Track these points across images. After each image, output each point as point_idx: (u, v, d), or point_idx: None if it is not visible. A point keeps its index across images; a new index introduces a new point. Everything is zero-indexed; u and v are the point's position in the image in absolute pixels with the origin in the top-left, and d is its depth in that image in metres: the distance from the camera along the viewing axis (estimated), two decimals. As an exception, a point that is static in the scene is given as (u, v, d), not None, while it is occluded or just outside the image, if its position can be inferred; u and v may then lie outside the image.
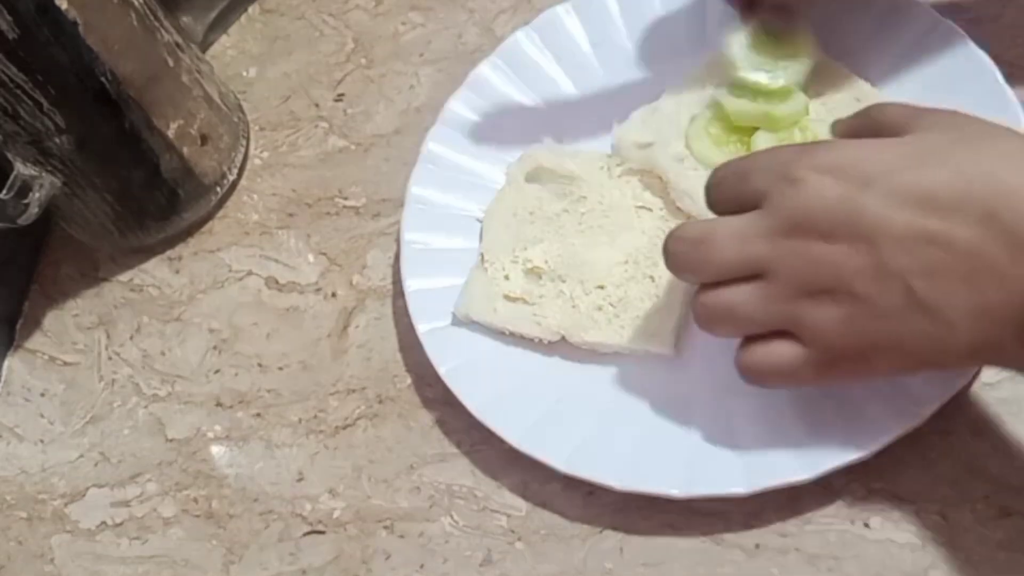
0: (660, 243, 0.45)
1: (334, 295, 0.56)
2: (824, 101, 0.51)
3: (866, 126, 0.41)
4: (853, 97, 0.51)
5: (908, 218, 0.35)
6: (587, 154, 0.53)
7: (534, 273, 0.50)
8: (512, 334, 0.49)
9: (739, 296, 0.39)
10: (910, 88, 0.51)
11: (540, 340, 0.48)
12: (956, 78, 0.50)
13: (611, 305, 0.48)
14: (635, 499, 0.44)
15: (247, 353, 0.55)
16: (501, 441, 0.46)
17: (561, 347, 0.49)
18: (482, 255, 0.51)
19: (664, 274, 0.47)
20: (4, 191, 0.52)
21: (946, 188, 0.35)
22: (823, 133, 0.48)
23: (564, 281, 0.49)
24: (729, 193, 0.41)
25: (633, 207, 0.51)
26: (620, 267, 0.49)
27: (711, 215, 0.42)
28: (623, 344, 0.47)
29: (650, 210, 0.50)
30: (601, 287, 0.48)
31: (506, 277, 0.50)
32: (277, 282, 0.57)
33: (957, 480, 0.43)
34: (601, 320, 0.48)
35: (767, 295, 0.38)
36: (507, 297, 0.49)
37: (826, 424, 0.43)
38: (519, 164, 0.53)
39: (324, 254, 0.57)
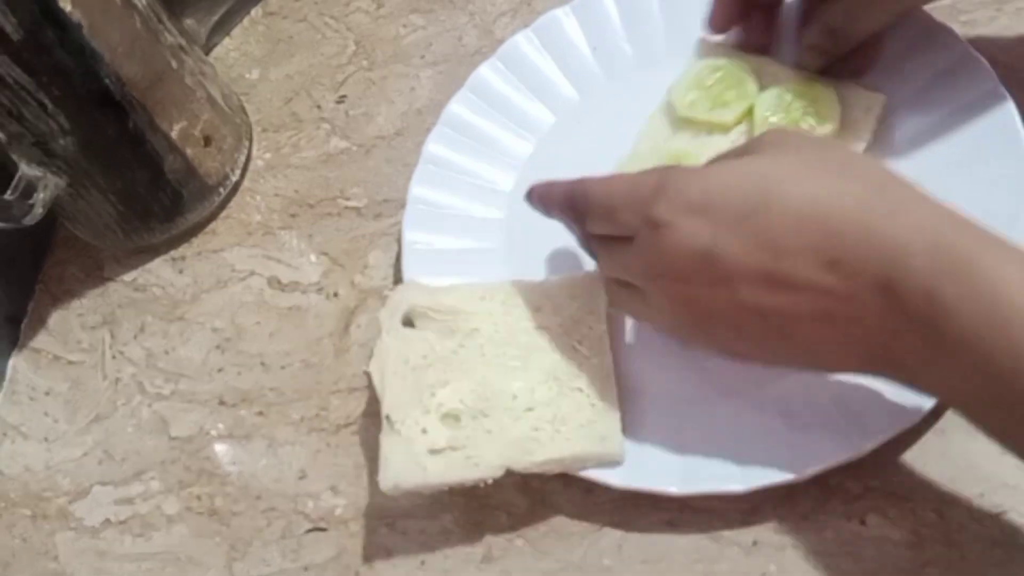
0: (572, 357, 0.47)
1: (336, 295, 0.56)
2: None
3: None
4: None
5: (760, 265, 0.37)
6: (460, 287, 0.50)
7: (451, 417, 0.46)
8: (452, 488, 0.45)
9: (629, 305, 0.45)
10: (906, 91, 0.51)
11: (485, 482, 0.45)
12: (953, 80, 0.50)
13: (548, 423, 0.45)
14: (634, 497, 0.45)
15: (250, 352, 0.56)
16: (501, 439, 0.46)
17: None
18: (387, 417, 0.46)
19: (592, 382, 0.46)
20: (9, 192, 0.53)
21: (792, 238, 0.37)
22: None
23: (487, 416, 0.46)
24: (600, 225, 0.43)
25: (532, 329, 0.48)
26: (543, 386, 0.46)
27: None
28: (576, 454, 0.45)
29: (549, 328, 0.48)
30: (530, 410, 0.46)
31: (423, 431, 0.45)
32: (279, 282, 0.58)
33: (953, 478, 0.43)
34: (544, 439, 0.45)
35: (647, 313, 0.44)
36: (432, 452, 0.45)
37: (823, 423, 0.43)
38: (389, 312, 0.49)
39: (326, 254, 0.58)
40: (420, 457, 0.45)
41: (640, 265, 0.41)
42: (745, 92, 0.52)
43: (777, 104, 0.51)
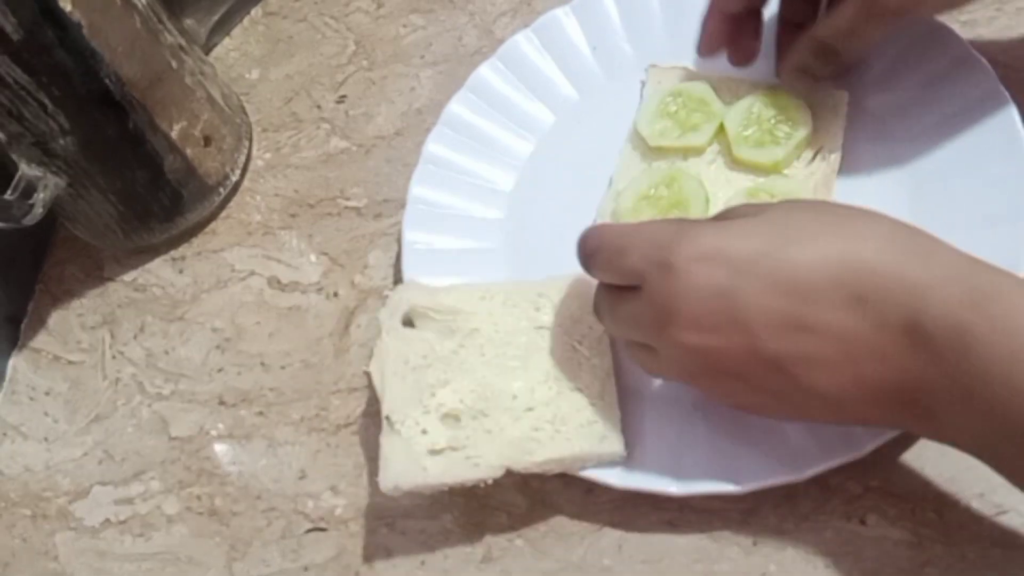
0: (572, 357, 0.47)
1: (336, 295, 0.56)
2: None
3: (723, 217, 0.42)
4: None
5: (779, 306, 0.36)
6: (460, 287, 0.50)
7: (451, 417, 0.46)
8: (452, 488, 0.45)
9: (639, 356, 0.43)
10: (906, 91, 0.51)
11: (485, 482, 0.45)
12: (953, 80, 0.50)
13: (548, 423, 0.45)
14: (634, 497, 0.45)
15: (250, 352, 0.56)
16: (501, 439, 0.46)
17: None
18: (387, 417, 0.46)
19: (592, 382, 0.46)
20: (9, 192, 0.53)
21: (813, 275, 0.36)
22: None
23: (487, 416, 0.46)
24: (606, 265, 0.42)
25: (532, 329, 0.48)
26: (543, 386, 0.46)
27: None
28: (576, 454, 0.45)
29: (549, 328, 0.48)
30: (530, 409, 0.46)
31: (423, 432, 0.45)
32: (279, 282, 0.58)
33: (952, 478, 0.43)
34: (544, 439, 0.45)
35: (659, 366, 0.41)
36: (432, 452, 0.45)
37: (823, 423, 0.43)
38: (389, 311, 0.49)
39: (326, 254, 0.58)
40: (420, 457, 0.45)
41: (649, 314, 0.39)
42: (711, 112, 0.52)
43: (747, 118, 0.51)
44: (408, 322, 0.49)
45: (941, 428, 0.36)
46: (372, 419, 0.51)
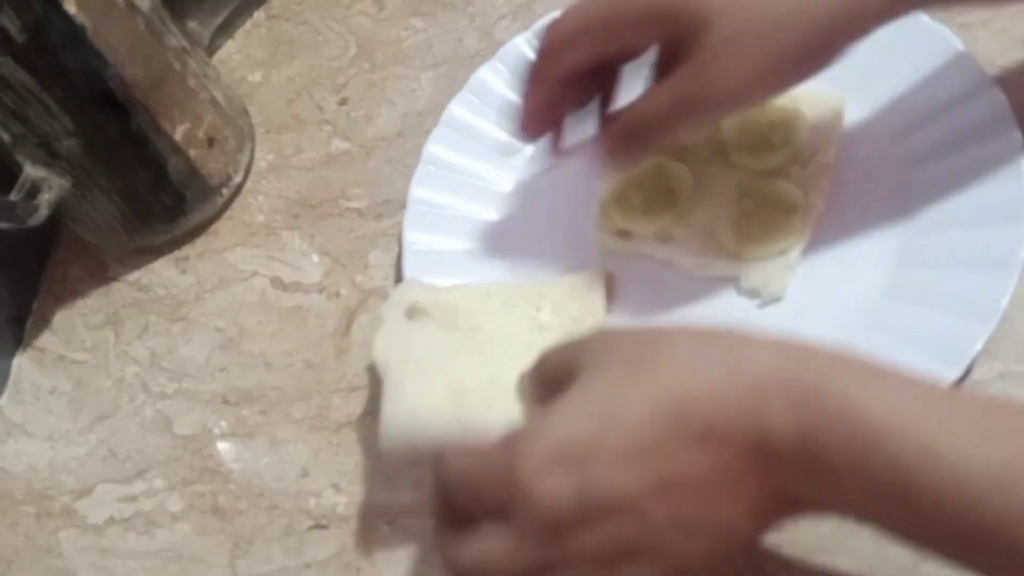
0: None
1: (337, 295, 0.57)
2: None
3: (543, 379, 0.39)
4: None
5: (639, 476, 0.33)
6: (461, 287, 0.50)
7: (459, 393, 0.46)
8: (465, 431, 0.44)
9: None
10: (903, 91, 0.51)
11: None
12: (948, 81, 0.50)
13: None
14: (633, 494, 0.45)
15: (252, 351, 0.56)
16: (501, 437, 0.47)
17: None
18: (388, 379, 0.46)
19: None
20: (14, 192, 0.53)
21: (655, 433, 0.33)
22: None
23: (490, 407, 0.45)
24: (463, 506, 0.37)
25: (533, 329, 0.48)
26: None
27: None
28: None
29: (549, 328, 0.48)
30: None
31: (426, 400, 0.46)
32: (282, 282, 0.58)
33: (948, 475, 0.43)
34: None
35: None
36: (434, 415, 0.45)
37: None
38: (394, 303, 0.49)
39: (327, 254, 0.58)
40: (421, 418, 0.45)
41: (533, 537, 0.34)
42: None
43: (744, 123, 0.51)
44: (411, 316, 0.49)
45: (831, 512, 0.35)
46: (373, 418, 0.52)
